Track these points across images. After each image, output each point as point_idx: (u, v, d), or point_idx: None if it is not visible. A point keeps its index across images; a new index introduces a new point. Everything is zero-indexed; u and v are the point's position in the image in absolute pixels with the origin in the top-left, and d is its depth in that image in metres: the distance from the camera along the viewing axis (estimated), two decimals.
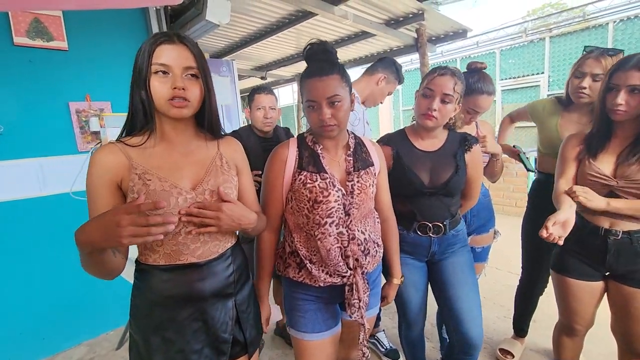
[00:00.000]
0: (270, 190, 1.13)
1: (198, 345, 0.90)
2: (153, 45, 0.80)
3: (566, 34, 6.80)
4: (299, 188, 1.07)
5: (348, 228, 1.08)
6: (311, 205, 1.06)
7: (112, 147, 0.83)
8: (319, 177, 1.06)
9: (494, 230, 1.77)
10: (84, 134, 2.17)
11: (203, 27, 2.25)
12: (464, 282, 1.35)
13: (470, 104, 1.51)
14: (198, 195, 0.87)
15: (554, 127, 1.62)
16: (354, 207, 1.08)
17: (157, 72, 0.80)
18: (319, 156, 1.09)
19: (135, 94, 0.83)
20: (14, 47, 1.90)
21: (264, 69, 5.68)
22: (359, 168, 1.12)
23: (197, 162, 0.92)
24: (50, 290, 2.11)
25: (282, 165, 1.10)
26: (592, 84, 1.44)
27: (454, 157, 1.31)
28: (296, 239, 1.12)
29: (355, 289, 1.07)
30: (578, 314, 1.35)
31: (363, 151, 1.17)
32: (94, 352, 2.18)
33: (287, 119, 13.47)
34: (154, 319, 0.88)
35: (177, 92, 0.80)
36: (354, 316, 1.08)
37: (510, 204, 4.64)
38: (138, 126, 0.87)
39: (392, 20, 3.54)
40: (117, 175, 0.82)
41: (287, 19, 3.40)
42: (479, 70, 1.53)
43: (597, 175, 1.20)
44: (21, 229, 2.01)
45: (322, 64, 1.03)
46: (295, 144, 1.14)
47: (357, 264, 1.08)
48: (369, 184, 1.12)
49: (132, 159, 0.83)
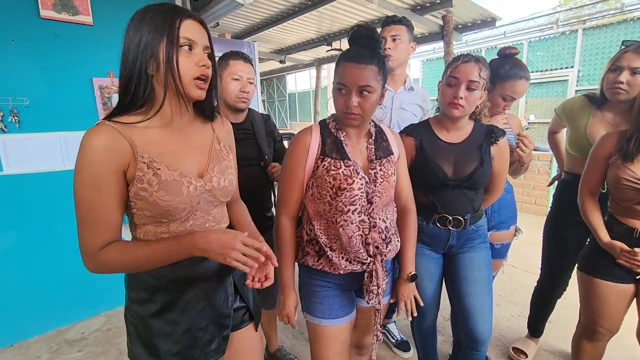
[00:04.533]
0: (290, 176, 1.11)
1: (203, 322, 0.90)
2: (180, 17, 0.74)
3: (601, 26, 6.46)
4: (321, 174, 1.06)
5: (370, 216, 1.07)
6: (334, 193, 1.05)
7: (110, 130, 0.72)
8: (342, 164, 1.05)
9: (515, 227, 1.72)
10: (106, 110, 2.19)
11: (227, 6, 2.22)
12: (479, 279, 1.33)
13: (508, 90, 1.44)
14: (206, 182, 0.85)
15: (583, 128, 1.51)
16: (377, 195, 1.07)
17: (184, 45, 0.74)
18: (342, 143, 1.08)
19: (140, 65, 0.74)
20: (40, 20, 1.91)
21: (283, 52, 5.62)
22: (380, 156, 1.11)
23: (197, 147, 0.87)
24: (70, 262, 2.17)
25: (304, 151, 1.08)
26: (630, 78, 1.33)
27: (479, 149, 1.27)
28: (316, 226, 1.11)
29: (375, 276, 1.08)
30: (604, 317, 1.31)
31: (384, 139, 1.16)
32: (111, 323, 2.25)
33: (304, 105, 13.37)
34: (156, 303, 0.85)
35: (204, 70, 0.77)
36: (372, 302, 1.09)
37: (529, 202, 4.53)
38: (138, 103, 0.77)
39: (419, 5, 3.43)
40: (123, 162, 0.74)
41: (310, 1, 3.33)
42: (512, 56, 1.46)
43: (633, 180, 1.13)
44: (44, 201, 2.06)
45: (363, 50, 1.00)
46: (318, 130, 1.12)
47: (377, 252, 1.09)
48: (390, 172, 1.11)
49: (135, 145, 0.75)
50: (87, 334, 2.15)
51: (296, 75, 13.03)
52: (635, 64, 1.32)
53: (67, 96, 2.05)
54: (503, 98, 1.47)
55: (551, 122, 1.82)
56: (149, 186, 0.76)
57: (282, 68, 7.78)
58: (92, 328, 2.21)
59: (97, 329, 2.20)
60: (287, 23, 3.80)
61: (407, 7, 3.42)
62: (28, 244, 2.04)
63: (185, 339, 0.88)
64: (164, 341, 0.86)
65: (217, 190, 0.87)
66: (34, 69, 1.94)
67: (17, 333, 2.08)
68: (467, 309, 1.30)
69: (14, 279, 2.02)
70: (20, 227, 2.01)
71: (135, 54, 0.73)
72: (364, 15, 3.76)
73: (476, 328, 1.29)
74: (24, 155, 1.96)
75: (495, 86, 1.45)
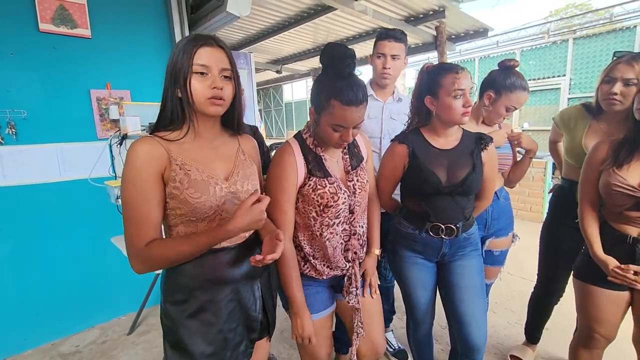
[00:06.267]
0: (283, 198, 1.10)
1: (234, 324, 0.98)
2: (195, 47, 0.85)
3: (591, 35, 6.60)
4: (308, 193, 1.10)
5: (351, 224, 1.15)
6: (321, 210, 1.11)
7: (152, 140, 0.86)
8: (327, 182, 1.10)
9: (512, 234, 1.73)
10: (103, 121, 2.20)
11: (224, 19, 2.25)
12: (471, 286, 1.34)
13: (513, 101, 1.47)
14: (231, 185, 0.95)
15: (579, 138, 1.54)
16: (357, 204, 1.15)
17: (198, 72, 0.85)
18: (322, 159, 1.13)
19: (171, 90, 0.88)
20: (39, 33, 1.94)
21: (279, 63, 5.68)
22: (355, 166, 1.18)
23: (225, 156, 0.99)
24: (65, 274, 2.16)
25: (295, 173, 1.10)
26: (624, 89, 1.36)
27: (470, 155, 1.29)
28: (300, 236, 1.17)
29: (354, 279, 1.16)
30: (600, 324, 1.31)
31: (355, 145, 1.23)
32: (106, 335, 2.23)
33: (300, 114, 13.48)
34: (192, 304, 0.93)
35: (216, 92, 0.86)
36: (352, 302, 1.17)
37: (525, 209, 4.55)
38: (170, 120, 0.91)
39: (412, 16, 3.49)
40: (161, 165, 0.86)
41: (305, 13, 3.39)
42: (513, 68, 1.50)
43: (622, 186, 1.15)
44: (40, 213, 2.06)
45: (357, 90, 1.00)
46: (297, 147, 1.13)
47: (356, 257, 1.17)
48: (366, 181, 1.19)
49: (170, 151, 0.87)
50: (81, 347, 2.12)
51: (292, 85, 13.14)
52: (628, 75, 1.34)
53: (64, 108, 2.06)
54: (506, 108, 1.49)
55: (551, 131, 1.85)
56: (180, 185, 0.87)
57: (279, 78, 7.84)
58: (87, 341, 2.18)
59: (92, 341, 2.18)
60: (283, 34, 3.86)
61: (401, 18, 3.48)
62: (22, 256, 2.03)
63: (219, 339, 0.95)
64: (198, 342, 0.93)
65: (241, 193, 0.97)
66: (31, 81, 1.96)
67: (11, 346, 2.05)
68: (460, 316, 1.31)
69: (7, 291, 2.00)
70: (15, 239, 2.00)
71: (169, 80, 0.88)
72: (359, 27, 3.82)
73: (470, 335, 1.29)
74: (20, 166, 1.96)
75: (500, 96, 1.47)
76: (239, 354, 1.00)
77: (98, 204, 2.16)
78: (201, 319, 0.93)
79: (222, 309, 0.95)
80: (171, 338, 0.95)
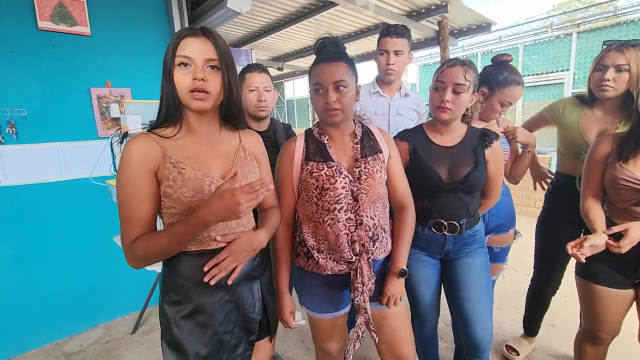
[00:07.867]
0: (280, 185, 1.18)
1: (230, 326, 0.96)
2: (177, 39, 0.84)
3: (595, 29, 6.52)
4: (306, 178, 1.13)
5: (356, 214, 1.12)
6: (319, 193, 1.11)
7: (147, 137, 0.85)
8: (325, 165, 1.11)
9: (514, 230, 1.72)
10: (104, 119, 2.19)
11: (224, 15, 2.23)
12: (477, 285, 1.32)
13: (507, 96, 1.48)
14: None
15: (575, 126, 1.54)
16: (362, 192, 1.11)
17: (180, 64, 0.83)
18: (326, 146, 1.14)
19: (163, 85, 0.87)
20: (38, 31, 1.92)
21: (281, 60, 5.64)
22: (366, 155, 1.15)
23: (222, 154, 0.96)
24: (68, 273, 2.16)
25: (290, 159, 1.16)
26: (616, 75, 1.36)
27: (473, 152, 1.28)
28: (304, 229, 1.17)
29: (360, 273, 1.11)
30: (604, 322, 1.29)
31: (371, 139, 1.21)
32: (109, 335, 2.23)
33: (302, 111, 13.44)
34: (187, 305, 0.91)
35: (196, 83, 0.83)
36: (357, 300, 1.12)
37: (529, 204, 4.52)
38: (165, 116, 0.90)
39: (414, 11, 3.45)
40: (155, 163, 0.85)
41: (307, 9, 3.35)
42: (506, 63, 1.50)
43: (630, 180, 1.13)
44: (42, 212, 2.05)
45: (331, 53, 1.10)
46: (302, 137, 1.19)
47: (364, 250, 1.12)
48: (376, 170, 1.14)
49: (166, 149, 0.86)
50: (85, 347, 2.12)
51: (294, 82, 13.10)
52: (619, 61, 1.35)
53: (64, 106, 2.05)
54: (501, 104, 1.50)
55: (534, 118, 1.80)
56: (173, 183, 0.85)
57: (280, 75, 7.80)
58: (91, 340, 2.18)
59: (96, 341, 2.18)
60: (284, 31, 3.82)
61: (403, 13, 3.44)
62: (25, 256, 2.03)
63: (214, 341, 0.93)
64: (193, 343, 0.91)
65: None
66: (31, 80, 1.94)
67: (14, 346, 2.05)
68: (466, 315, 1.30)
69: (10, 291, 2.00)
70: (17, 239, 2.00)
71: (163, 75, 0.87)
72: (361, 22, 3.79)
73: (476, 334, 1.28)
74: (21, 166, 1.96)
75: (494, 92, 1.48)
76: (236, 356, 0.98)
77: (100, 203, 2.16)
78: (195, 320, 0.92)
79: (217, 311, 0.93)
80: (167, 337, 0.94)
